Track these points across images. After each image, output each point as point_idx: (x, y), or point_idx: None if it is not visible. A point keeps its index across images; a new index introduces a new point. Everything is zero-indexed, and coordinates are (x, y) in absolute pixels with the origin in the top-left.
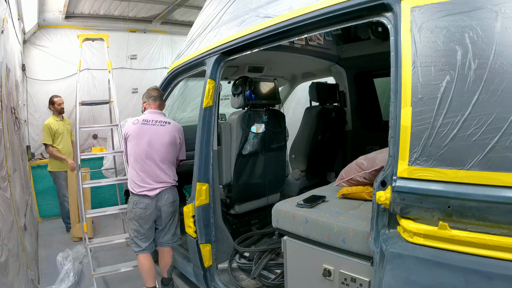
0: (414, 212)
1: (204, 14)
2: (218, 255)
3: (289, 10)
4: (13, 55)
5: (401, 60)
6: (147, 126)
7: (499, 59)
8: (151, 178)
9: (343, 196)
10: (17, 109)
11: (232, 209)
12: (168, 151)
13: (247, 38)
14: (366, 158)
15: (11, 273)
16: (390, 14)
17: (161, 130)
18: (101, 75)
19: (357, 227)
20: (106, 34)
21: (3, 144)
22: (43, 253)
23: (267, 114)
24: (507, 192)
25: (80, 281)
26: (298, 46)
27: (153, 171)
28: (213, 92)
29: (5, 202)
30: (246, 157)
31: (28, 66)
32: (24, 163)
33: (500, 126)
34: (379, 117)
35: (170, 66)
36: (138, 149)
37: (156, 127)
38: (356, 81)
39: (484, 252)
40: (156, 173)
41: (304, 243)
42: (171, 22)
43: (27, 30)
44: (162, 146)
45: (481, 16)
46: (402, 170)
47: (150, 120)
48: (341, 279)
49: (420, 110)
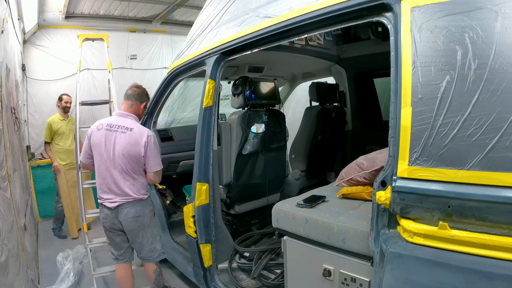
0: (414, 212)
1: (204, 14)
2: (218, 255)
3: (289, 10)
4: (13, 55)
5: (401, 60)
6: (109, 133)
7: (499, 59)
8: (111, 189)
9: (343, 196)
10: (17, 109)
11: (232, 209)
12: (128, 162)
13: (247, 38)
14: (366, 158)
15: (11, 273)
16: (390, 14)
17: (121, 138)
18: (101, 75)
19: (357, 227)
20: (106, 34)
21: (3, 144)
22: (43, 253)
23: (267, 114)
24: (507, 192)
25: (80, 281)
26: (298, 46)
27: (114, 183)
28: (213, 92)
29: (5, 202)
30: (246, 157)
31: (28, 66)
32: (24, 163)
33: (500, 126)
34: (379, 117)
35: (170, 66)
36: (99, 158)
37: (118, 133)
38: (356, 81)
39: (484, 252)
40: (118, 185)
41: (304, 243)
42: (171, 22)
43: (27, 30)
44: (120, 157)
45: (481, 16)
46: (402, 170)
47: (114, 125)
48: (341, 279)
49: (420, 110)
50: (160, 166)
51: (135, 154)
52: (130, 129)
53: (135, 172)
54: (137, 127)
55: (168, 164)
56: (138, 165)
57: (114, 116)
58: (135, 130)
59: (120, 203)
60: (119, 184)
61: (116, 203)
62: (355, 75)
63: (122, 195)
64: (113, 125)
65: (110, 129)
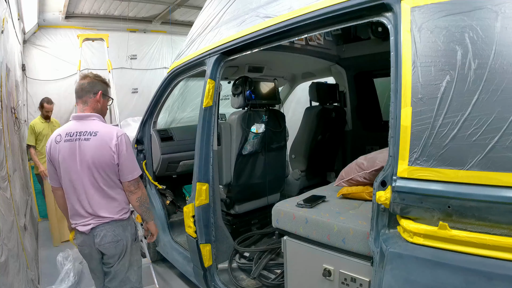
0: (414, 212)
1: (204, 14)
2: (218, 255)
3: (289, 10)
4: (13, 55)
5: (401, 60)
6: (70, 144)
7: (499, 59)
8: (82, 210)
9: (343, 196)
10: (17, 109)
11: (232, 209)
12: (100, 176)
13: (247, 38)
14: (366, 158)
15: (11, 273)
16: (390, 14)
17: (85, 147)
18: (101, 75)
19: (357, 227)
20: (106, 34)
21: (3, 144)
22: (43, 253)
23: (267, 114)
24: (507, 192)
25: (80, 281)
26: (298, 46)
27: (85, 202)
28: (213, 92)
29: (5, 202)
30: (246, 157)
31: (28, 66)
32: (24, 163)
33: (500, 126)
34: (379, 117)
35: (170, 66)
36: (63, 175)
37: (80, 142)
38: (356, 81)
39: (484, 252)
40: (90, 204)
41: (304, 243)
42: (171, 22)
43: (27, 30)
44: (88, 170)
45: (481, 16)
46: (402, 170)
47: (73, 132)
48: (341, 279)
49: (420, 110)
50: (138, 172)
51: (106, 163)
52: (94, 134)
53: (109, 187)
54: (102, 128)
55: (168, 164)
56: (111, 177)
57: (72, 121)
58: (101, 133)
59: (94, 225)
60: (91, 203)
61: (91, 225)
62: (355, 75)
63: (96, 216)
64: (72, 133)
65: (70, 139)
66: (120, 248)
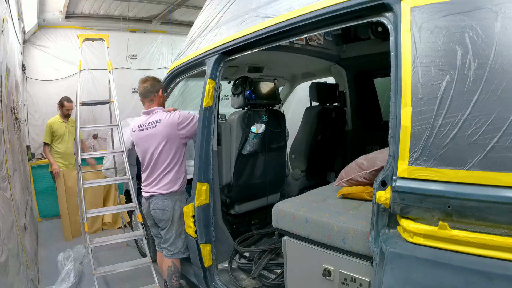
0: (414, 212)
1: (204, 14)
2: (218, 255)
3: (289, 10)
4: (13, 55)
5: (401, 60)
6: (141, 133)
7: (499, 59)
8: (148, 182)
9: (343, 196)
10: (17, 109)
11: (232, 209)
12: (165, 153)
13: (247, 38)
14: (366, 158)
15: (11, 273)
16: (390, 14)
17: (154, 132)
18: (101, 75)
19: (357, 227)
20: (106, 34)
21: (3, 144)
22: (43, 253)
23: (267, 114)
24: (507, 192)
25: (80, 282)
26: (298, 46)
27: (151, 176)
28: (213, 92)
29: (5, 202)
30: (246, 157)
31: (28, 66)
32: (24, 163)
33: (500, 126)
34: (379, 117)
35: (170, 66)
36: (140, 156)
37: (150, 130)
38: (356, 81)
39: (484, 252)
40: (153, 179)
41: (304, 243)
42: (171, 22)
43: (27, 30)
44: (157, 150)
45: (481, 16)
46: (402, 170)
47: (143, 124)
48: (341, 279)
49: (420, 110)
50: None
51: (172, 138)
52: (158, 121)
53: (172, 163)
54: (164, 115)
55: None
56: (177, 151)
57: (141, 115)
58: (164, 121)
59: (152, 194)
60: (155, 177)
61: (149, 194)
62: (355, 75)
63: (155, 188)
64: (142, 125)
65: (141, 129)
66: (168, 216)
